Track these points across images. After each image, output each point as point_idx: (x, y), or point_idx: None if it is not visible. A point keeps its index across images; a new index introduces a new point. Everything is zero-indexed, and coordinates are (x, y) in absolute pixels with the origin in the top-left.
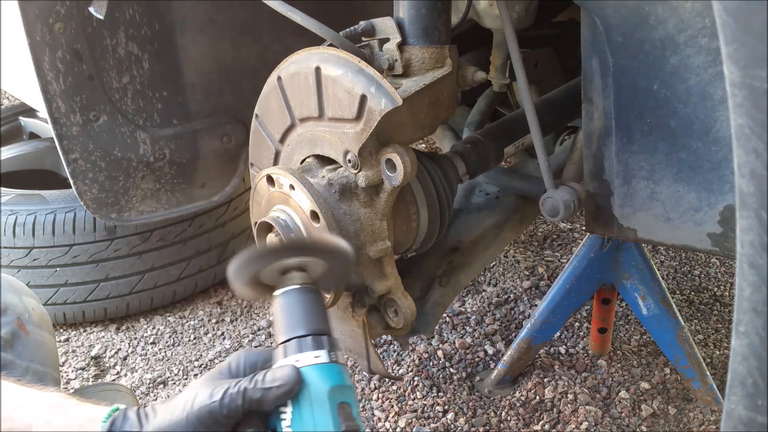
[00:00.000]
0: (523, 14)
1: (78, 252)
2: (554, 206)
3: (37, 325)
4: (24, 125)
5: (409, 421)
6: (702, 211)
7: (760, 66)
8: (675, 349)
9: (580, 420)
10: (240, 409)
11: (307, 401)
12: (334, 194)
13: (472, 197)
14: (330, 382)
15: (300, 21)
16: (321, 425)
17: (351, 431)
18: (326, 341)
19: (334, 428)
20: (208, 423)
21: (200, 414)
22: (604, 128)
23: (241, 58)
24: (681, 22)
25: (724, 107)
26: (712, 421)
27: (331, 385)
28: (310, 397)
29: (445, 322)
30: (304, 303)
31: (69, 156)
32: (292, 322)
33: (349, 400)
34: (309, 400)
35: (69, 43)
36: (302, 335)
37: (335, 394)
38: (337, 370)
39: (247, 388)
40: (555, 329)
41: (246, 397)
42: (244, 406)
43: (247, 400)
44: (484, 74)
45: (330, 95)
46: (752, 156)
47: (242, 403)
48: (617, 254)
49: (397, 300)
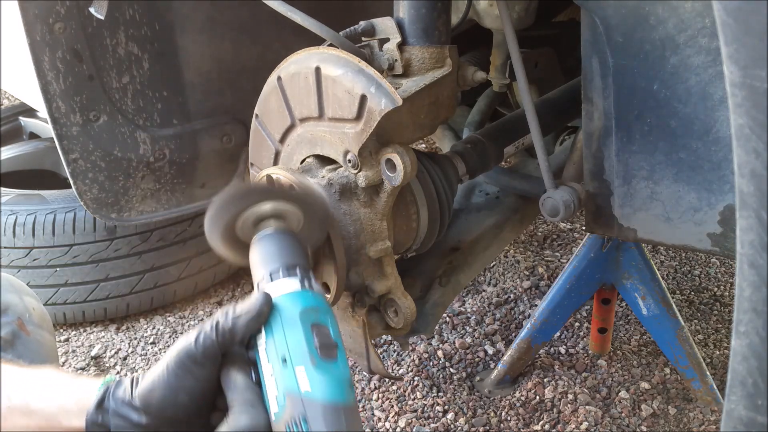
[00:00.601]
0: (523, 14)
1: (78, 252)
2: (554, 206)
3: (38, 325)
4: (24, 125)
5: (409, 421)
6: (702, 211)
7: (760, 66)
8: (675, 349)
9: (580, 420)
10: (216, 345)
11: (278, 324)
12: (334, 194)
13: (472, 197)
14: (301, 305)
15: (300, 21)
16: (293, 344)
17: (325, 344)
18: (299, 271)
19: (307, 345)
20: (188, 365)
21: (179, 359)
22: (604, 128)
23: (241, 58)
24: (681, 22)
25: (724, 107)
26: (712, 421)
27: (303, 306)
28: (282, 320)
29: (445, 322)
30: (278, 243)
31: (69, 156)
32: (265, 260)
33: (324, 321)
34: (280, 323)
35: (69, 43)
36: (273, 270)
37: (307, 315)
38: (311, 294)
39: (219, 321)
40: (555, 329)
41: (219, 330)
42: (219, 340)
43: (220, 333)
44: (484, 74)
45: (330, 95)
46: (752, 156)
47: (216, 338)
48: (617, 254)
49: (397, 300)
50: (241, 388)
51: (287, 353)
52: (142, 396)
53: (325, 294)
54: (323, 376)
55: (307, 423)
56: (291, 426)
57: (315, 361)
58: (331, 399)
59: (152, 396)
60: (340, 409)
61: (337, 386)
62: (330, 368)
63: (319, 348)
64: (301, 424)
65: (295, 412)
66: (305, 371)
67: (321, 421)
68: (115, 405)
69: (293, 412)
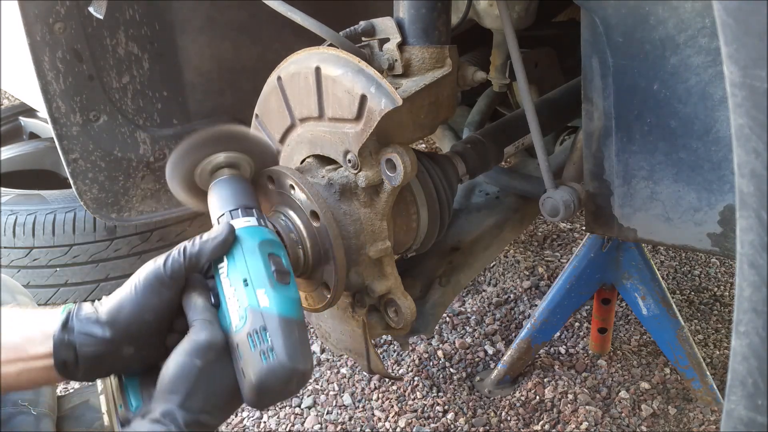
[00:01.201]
0: (523, 14)
1: (78, 252)
2: (554, 206)
3: None
4: (24, 125)
5: (409, 421)
6: (702, 211)
7: (760, 66)
8: (675, 349)
9: (580, 420)
10: (183, 268)
11: (239, 252)
12: (334, 194)
13: (472, 197)
14: (260, 237)
15: (300, 21)
16: (253, 269)
17: (280, 270)
18: (255, 212)
19: (265, 270)
20: (156, 286)
21: (147, 280)
22: (604, 128)
23: (241, 58)
24: (681, 22)
25: (724, 107)
26: (712, 421)
27: (261, 239)
28: (242, 249)
29: (445, 322)
30: (234, 186)
31: (69, 156)
32: (223, 201)
33: (278, 253)
34: (241, 252)
35: (69, 43)
36: (233, 209)
37: (265, 247)
38: (267, 231)
39: (186, 246)
40: (555, 329)
41: (186, 254)
42: (186, 263)
43: (187, 257)
44: (484, 74)
45: (330, 95)
46: (752, 156)
47: (183, 261)
48: (617, 254)
49: (397, 300)
50: (201, 309)
51: (249, 276)
52: (110, 312)
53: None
54: (280, 295)
55: (267, 332)
56: (253, 335)
57: (273, 284)
58: (286, 313)
59: (120, 313)
60: (293, 322)
61: (291, 304)
62: (284, 290)
63: (276, 273)
64: (262, 334)
65: (256, 324)
66: (264, 292)
67: (278, 330)
68: (79, 324)
69: (254, 324)
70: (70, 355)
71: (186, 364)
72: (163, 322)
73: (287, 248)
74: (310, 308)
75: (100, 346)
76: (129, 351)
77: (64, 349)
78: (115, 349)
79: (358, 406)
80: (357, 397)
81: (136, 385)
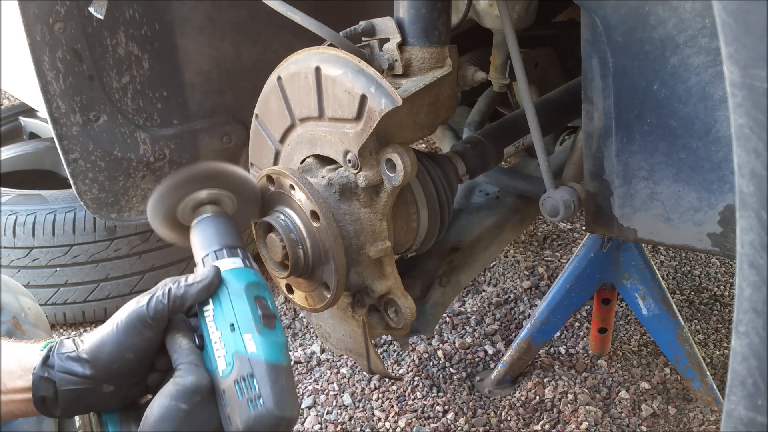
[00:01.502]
0: (523, 14)
1: (78, 252)
2: (554, 206)
3: (33, 324)
4: (24, 125)
5: (409, 421)
6: (702, 211)
7: (760, 66)
8: (675, 349)
9: (580, 420)
10: (166, 310)
11: (225, 296)
12: (334, 194)
13: (472, 197)
14: (245, 280)
15: (300, 21)
16: (240, 313)
17: (266, 314)
18: (240, 252)
19: (252, 315)
20: (138, 326)
21: (129, 319)
22: (604, 128)
23: (241, 58)
24: (681, 22)
25: (724, 107)
26: (712, 421)
27: (247, 281)
28: (228, 292)
29: (445, 322)
30: (217, 225)
31: (69, 156)
32: (207, 241)
33: (264, 296)
34: (227, 295)
35: (69, 43)
36: (217, 249)
37: (251, 290)
38: (252, 272)
39: (171, 288)
40: (555, 329)
41: (171, 296)
42: (169, 306)
43: (171, 299)
44: (484, 74)
45: (330, 95)
46: (752, 156)
47: (167, 303)
48: (617, 254)
49: (397, 300)
50: (186, 351)
51: (235, 321)
52: (91, 350)
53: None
54: (266, 341)
55: (254, 379)
56: (240, 382)
57: (260, 329)
58: (273, 359)
59: (101, 350)
60: (281, 368)
61: (279, 349)
62: (271, 335)
63: (262, 318)
64: (249, 381)
65: (243, 371)
66: (251, 337)
67: (266, 378)
68: (60, 360)
69: (241, 370)
70: (50, 391)
71: (171, 407)
72: (144, 360)
73: (288, 248)
74: (310, 308)
75: (81, 384)
76: (109, 389)
77: (43, 386)
78: (96, 386)
79: (358, 406)
80: (357, 397)
81: (116, 420)
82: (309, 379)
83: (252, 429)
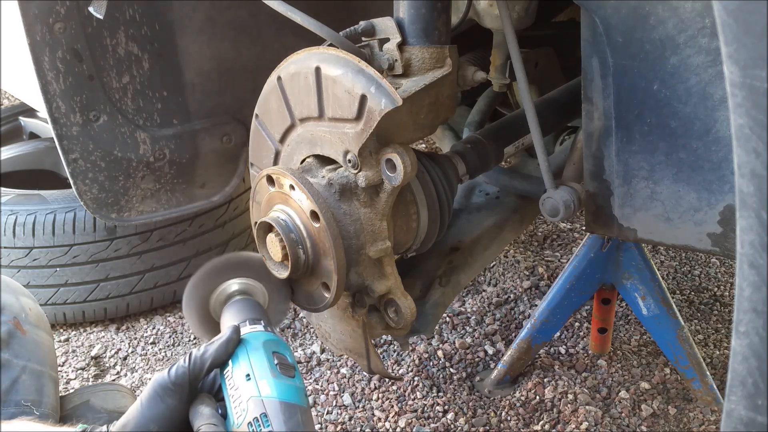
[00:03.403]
0: (523, 14)
1: (78, 252)
2: (554, 206)
3: (34, 325)
4: (24, 125)
5: (409, 421)
6: (702, 211)
7: (760, 66)
8: (675, 349)
9: (580, 420)
10: (186, 372)
11: (244, 353)
12: (334, 194)
13: (472, 197)
14: (264, 338)
15: (300, 21)
16: (256, 363)
17: (283, 363)
18: (263, 321)
19: (268, 363)
20: (159, 393)
21: (151, 390)
22: (604, 128)
23: (241, 58)
24: (681, 22)
25: (724, 107)
26: (712, 421)
27: (266, 339)
28: (247, 350)
29: (445, 322)
30: (243, 305)
31: (69, 156)
32: (231, 318)
33: (283, 353)
34: (246, 352)
35: (69, 43)
36: (240, 321)
37: (269, 345)
38: (272, 335)
39: (192, 351)
40: (555, 329)
41: (191, 358)
42: (190, 367)
43: (192, 361)
44: (484, 74)
45: (330, 95)
46: (752, 156)
47: (188, 365)
48: (617, 254)
49: (397, 300)
50: (206, 416)
51: (251, 371)
52: (118, 429)
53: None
54: (282, 383)
55: (268, 419)
56: (253, 424)
57: (275, 374)
58: (288, 399)
59: (126, 426)
60: (296, 408)
61: (295, 391)
62: (288, 380)
63: (279, 366)
64: (262, 419)
65: (257, 412)
66: (267, 382)
67: (279, 414)
68: None
69: (255, 411)
70: None
71: None
72: None
73: (288, 248)
74: (310, 308)
75: None
76: None
77: None
78: None
79: (358, 406)
80: (357, 397)
81: None
82: (309, 379)
83: None
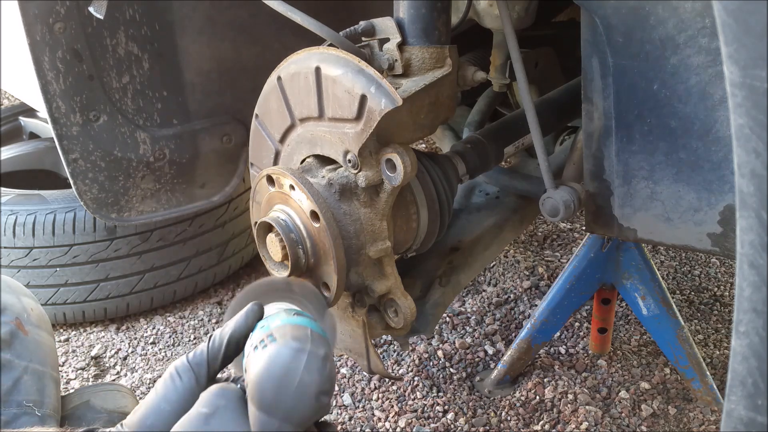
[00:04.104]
0: (523, 14)
1: (78, 252)
2: (554, 206)
3: (36, 325)
4: (24, 125)
5: (409, 421)
6: (702, 211)
7: (760, 66)
8: (675, 349)
9: (580, 420)
10: (205, 350)
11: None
12: (334, 194)
13: (472, 197)
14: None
15: (300, 21)
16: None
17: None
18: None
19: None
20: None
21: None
22: (604, 128)
23: (241, 58)
24: (681, 22)
25: (724, 107)
26: (712, 421)
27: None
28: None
29: (445, 322)
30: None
31: (69, 156)
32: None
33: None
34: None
35: (69, 43)
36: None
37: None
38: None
39: (213, 333)
40: (555, 329)
41: (211, 337)
42: (209, 346)
43: (211, 340)
44: (484, 74)
45: (330, 95)
46: (752, 156)
47: (207, 345)
48: (617, 254)
49: (397, 300)
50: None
51: (266, 323)
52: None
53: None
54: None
55: (273, 336)
56: (258, 345)
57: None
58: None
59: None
60: (304, 329)
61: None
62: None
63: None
64: (268, 339)
65: (264, 335)
66: (279, 321)
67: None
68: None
69: (262, 336)
70: None
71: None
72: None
73: (288, 248)
74: None
75: None
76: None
77: None
78: None
79: (358, 406)
80: (357, 397)
81: None
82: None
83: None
